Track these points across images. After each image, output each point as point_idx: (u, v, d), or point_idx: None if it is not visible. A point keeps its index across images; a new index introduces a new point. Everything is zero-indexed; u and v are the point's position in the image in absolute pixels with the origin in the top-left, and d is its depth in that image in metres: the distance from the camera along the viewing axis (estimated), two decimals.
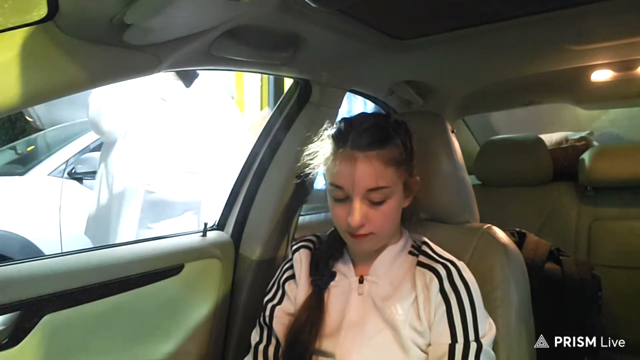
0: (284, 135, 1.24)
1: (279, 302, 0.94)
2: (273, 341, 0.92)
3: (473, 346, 0.78)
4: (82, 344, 0.95)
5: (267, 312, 0.94)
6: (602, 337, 1.28)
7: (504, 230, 1.02)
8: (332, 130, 0.87)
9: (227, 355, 1.22)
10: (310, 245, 0.97)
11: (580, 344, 1.24)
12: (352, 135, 0.82)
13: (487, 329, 0.82)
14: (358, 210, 0.79)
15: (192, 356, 1.14)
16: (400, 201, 0.85)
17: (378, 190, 0.80)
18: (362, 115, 0.88)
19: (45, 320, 0.88)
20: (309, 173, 1.21)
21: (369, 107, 1.67)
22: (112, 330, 1.00)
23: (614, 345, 1.60)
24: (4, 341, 0.84)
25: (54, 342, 0.90)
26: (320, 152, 0.88)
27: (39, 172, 2.65)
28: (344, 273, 0.91)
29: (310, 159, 0.90)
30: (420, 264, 0.87)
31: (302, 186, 1.23)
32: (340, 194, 0.82)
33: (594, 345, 1.26)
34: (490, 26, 0.98)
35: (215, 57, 0.87)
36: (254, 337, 0.95)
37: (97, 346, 0.97)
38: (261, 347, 0.92)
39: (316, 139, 0.90)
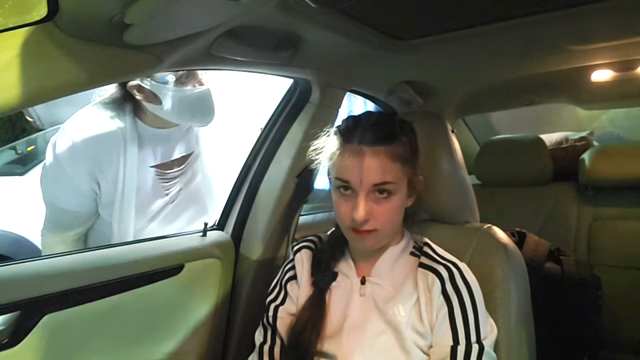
0: (284, 135, 1.24)
1: (282, 303, 0.94)
2: (278, 341, 0.92)
3: (475, 348, 0.78)
4: (82, 344, 0.95)
5: (271, 313, 0.94)
6: (602, 337, 1.28)
7: (504, 230, 1.02)
8: (338, 127, 0.88)
9: (227, 355, 1.22)
10: (312, 245, 0.97)
11: (580, 343, 1.24)
12: (359, 131, 0.82)
13: (489, 330, 0.82)
14: (363, 205, 0.79)
15: (192, 356, 1.14)
16: (404, 199, 0.85)
17: (384, 185, 0.80)
18: (369, 113, 0.89)
19: (45, 320, 0.88)
20: (310, 173, 1.22)
21: (369, 107, 1.67)
22: (112, 330, 1.00)
23: (614, 345, 1.60)
24: (4, 341, 0.84)
25: (54, 342, 0.90)
26: (325, 147, 0.88)
27: (39, 172, 2.65)
28: (346, 273, 0.91)
29: (315, 155, 0.90)
30: (422, 265, 0.87)
31: (302, 186, 1.24)
32: (346, 189, 0.82)
33: (594, 345, 1.26)
34: (490, 26, 0.98)
35: (215, 57, 0.87)
36: (258, 337, 0.95)
37: (97, 346, 0.97)
38: (266, 347, 0.92)
39: (317, 138, 0.91)
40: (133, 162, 1.29)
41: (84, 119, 1.29)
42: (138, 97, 1.25)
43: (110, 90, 1.30)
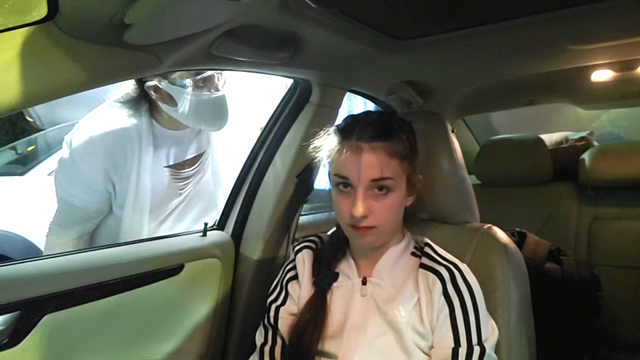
0: (284, 135, 1.24)
1: (283, 303, 0.94)
2: (279, 342, 0.92)
3: (476, 350, 0.78)
4: (82, 344, 0.95)
5: (272, 313, 0.94)
6: (602, 337, 1.28)
7: (504, 230, 1.02)
8: (337, 125, 0.88)
9: (227, 355, 1.22)
10: (313, 245, 0.97)
11: (580, 343, 1.24)
12: (357, 128, 0.83)
13: (490, 332, 0.82)
14: (361, 201, 0.79)
15: (192, 356, 1.14)
16: (403, 197, 0.85)
17: (382, 181, 0.80)
18: (368, 112, 0.90)
19: (45, 320, 0.88)
20: (310, 172, 1.22)
21: (369, 107, 1.67)
22: (112, 330, 1.00)
23: (614, 345, 1.60)
24: (4, 341, 0.84)
25: (54, 342, 0.90)
26: (324, 145, 0.89)
27: (39, 172, 2.65)
28: (347, 274, 0.91)
29: (315, 153, 0.91)
30: (423, 265, 0.87)
31: (302, 186, 1.24)
32: (345, 186, 0.83)
33: (594, 345, 1.26)
34: (490, 26, 0.98)
35: (216, 57, 0.87)
36: (259, 338, 0.95)
37: (97, 346, 0.97)
38: (267, 348, 0.92)
39: (317, 138, 0.91)
40: (148, 163, 1.30)
41: (100, 117, 1.30)
42: (154, 96, 1.26)
43: (125, 88, 1.31)
